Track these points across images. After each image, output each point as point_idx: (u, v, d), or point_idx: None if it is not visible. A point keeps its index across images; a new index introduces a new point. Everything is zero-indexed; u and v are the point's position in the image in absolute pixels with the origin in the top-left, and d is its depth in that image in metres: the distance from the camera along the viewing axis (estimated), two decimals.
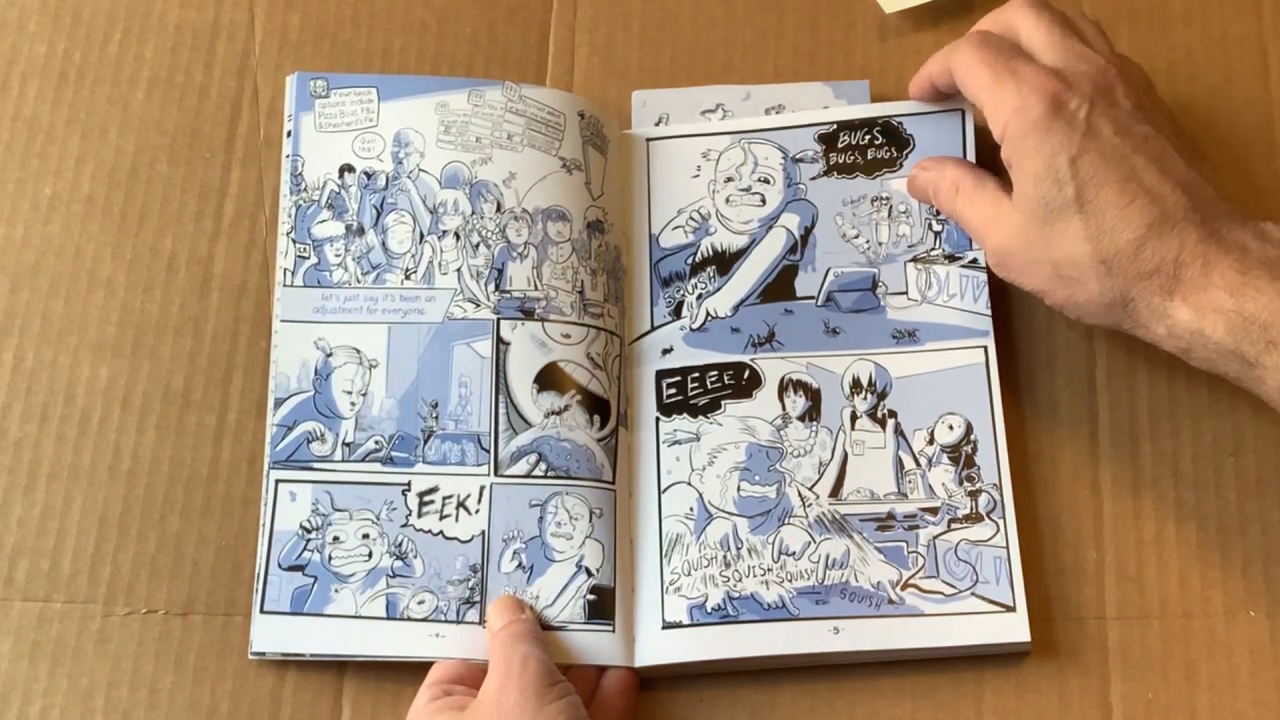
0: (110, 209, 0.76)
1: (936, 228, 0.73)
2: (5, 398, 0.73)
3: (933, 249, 0.73)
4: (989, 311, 0.71)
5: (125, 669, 0.68)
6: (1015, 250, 0.66)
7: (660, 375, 0.73)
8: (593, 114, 0.75)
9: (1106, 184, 0.63)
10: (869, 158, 0.74)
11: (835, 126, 0.75)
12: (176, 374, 0.73)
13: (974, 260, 0.72)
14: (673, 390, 0.72)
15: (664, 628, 0.68)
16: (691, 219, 0.75)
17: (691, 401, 0.72)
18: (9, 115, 0.78)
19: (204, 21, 0.80)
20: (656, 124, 0.77)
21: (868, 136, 0.75)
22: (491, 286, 0.72)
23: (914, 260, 0.73)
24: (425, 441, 0.70)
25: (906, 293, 0.73)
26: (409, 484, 0.70)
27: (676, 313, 0.73)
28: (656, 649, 0.68)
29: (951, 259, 0.72)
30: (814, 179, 0.75)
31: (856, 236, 0.74)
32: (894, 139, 0.74)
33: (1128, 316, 0.64)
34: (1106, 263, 0.63)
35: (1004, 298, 0.72)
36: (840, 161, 0.75)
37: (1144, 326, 0.64)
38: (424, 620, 0.68)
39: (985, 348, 0.71)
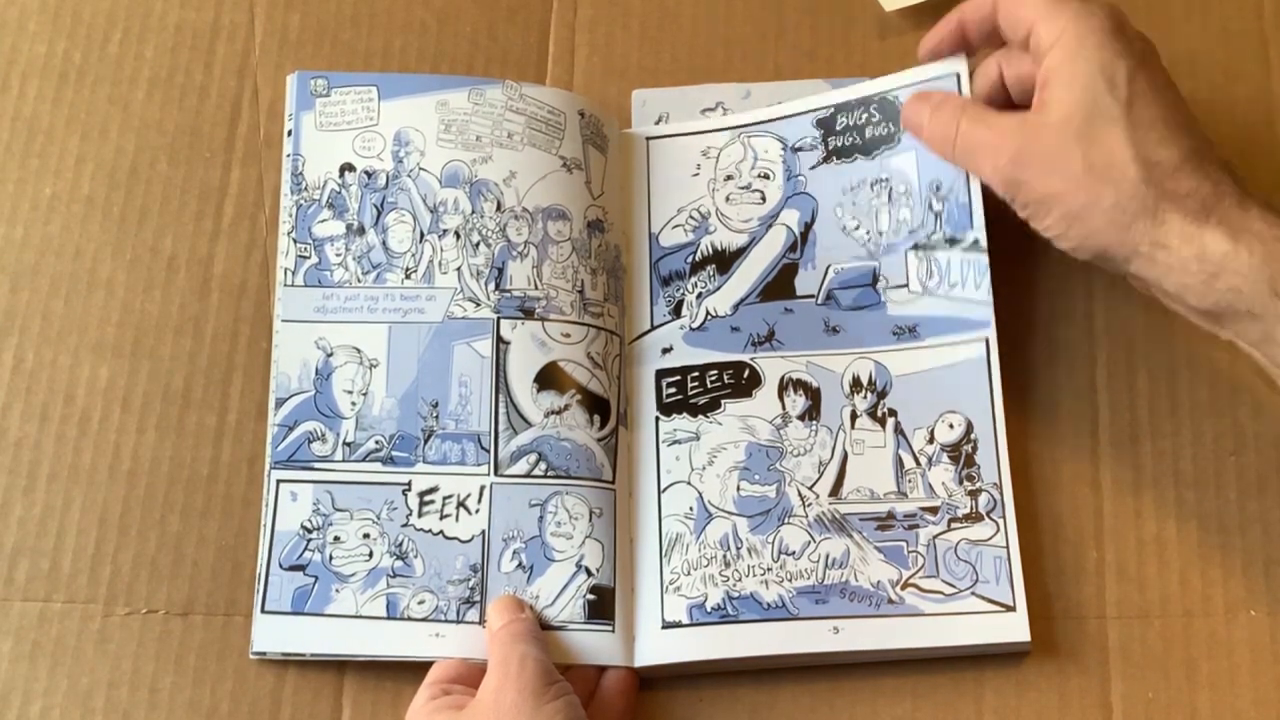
0: (110, 209, 0.76)
1: (937, 207, 0.72)
2: (5, 398, 0.73)
3: (933, 233, 0.72)
4: (990, 298, 0.71)
5: (125, 669, 0.68)
6: (1038, 151, 0.66)
7: (660, 374, 0.73)
8: (593, 113, 0.75)
9: (1155, 104, 0.64)
10: (867, 136, 0.74)
11: (832, 110, 0.75)
12: (176, 374, 0.73)
13: (975, 242, 0.71)
14: (672, 390, 0.72)
15: (664, 627, 0.68)
16: (691, 218, 0.75)
17: (691, 401, 0.72)
18: (9, 115, 0.78)
19: (204, 21, 0.80)
20: (656, 123, 0.77)
21: (864, 115, 0.75)
22: (491, 286, 0.72)
23: (915, 248, 0.72)
24: (425, 441, 0.70)
25: (908, 285, 0.72)
26: (409, 484, 0.70)
27: (676, 312, 0.73)
28: (656, 649, 0.68)
29: (953, 241, 0.72)
30: (814, 168, 0.75)
31: (857, 228, 0.73)
32: (890, 114, 0.74)
33: (1145, 237, 0.63)
34: (1148, 167, 0.63)
35: (1004, 295, 0.72)
36: (839, 145, 0.75)
37: (1165, 248, 0.63)
38: (424, 620, 0.68)
39: (986, 340, 0.71)
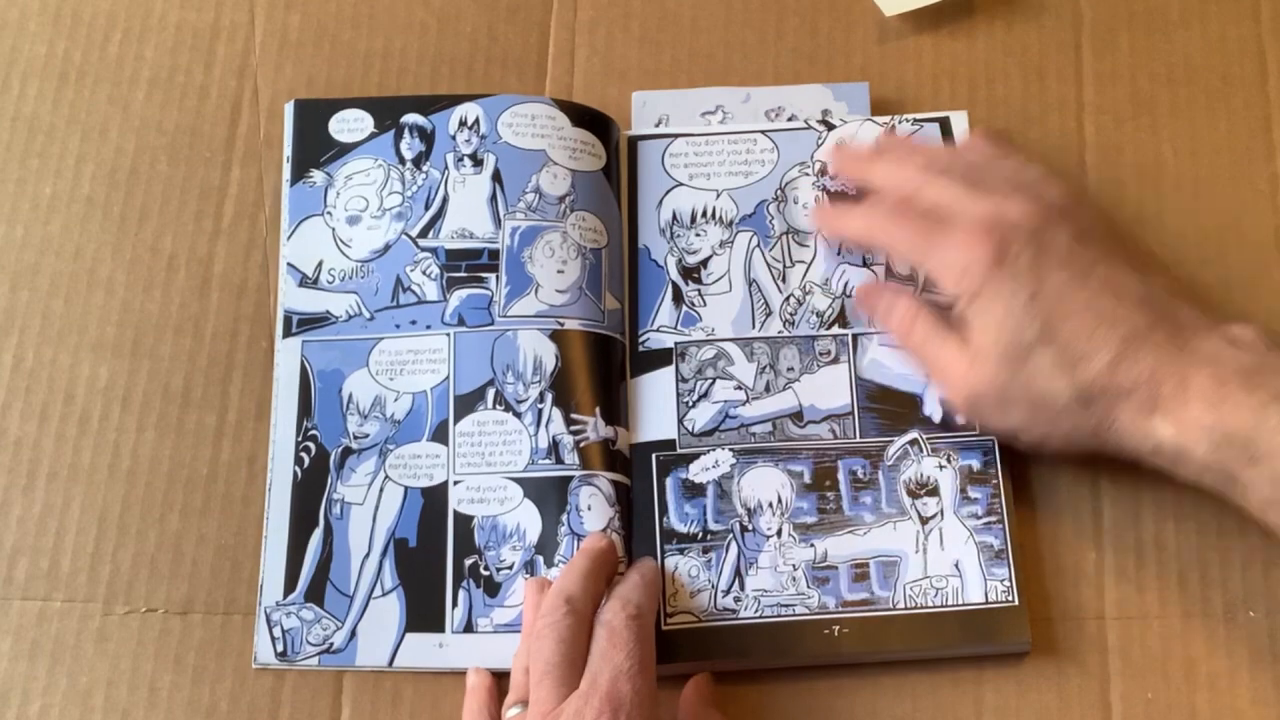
0: (110, 209, 0.76)
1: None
2: (5, 397, 0.72)
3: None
4: None
5: (125, 668, 0.68)
6: (988, 394, 0.66)
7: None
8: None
9: (1069, 315, 0.64)
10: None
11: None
12: (176, 374, 0.73)
13: None
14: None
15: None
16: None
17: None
18: (9, 115, 0.78)
19: (204, 21, 0.80)
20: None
21: None
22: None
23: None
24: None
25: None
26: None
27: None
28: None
29: None
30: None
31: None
32: None
33: (1111, 437, 0.64)
34: (1085, 389, 0.64)
35: None
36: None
37: (1130, 446, 0.64)
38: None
39: None
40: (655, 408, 0.72)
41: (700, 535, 0.69)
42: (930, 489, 0.69)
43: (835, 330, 0.72)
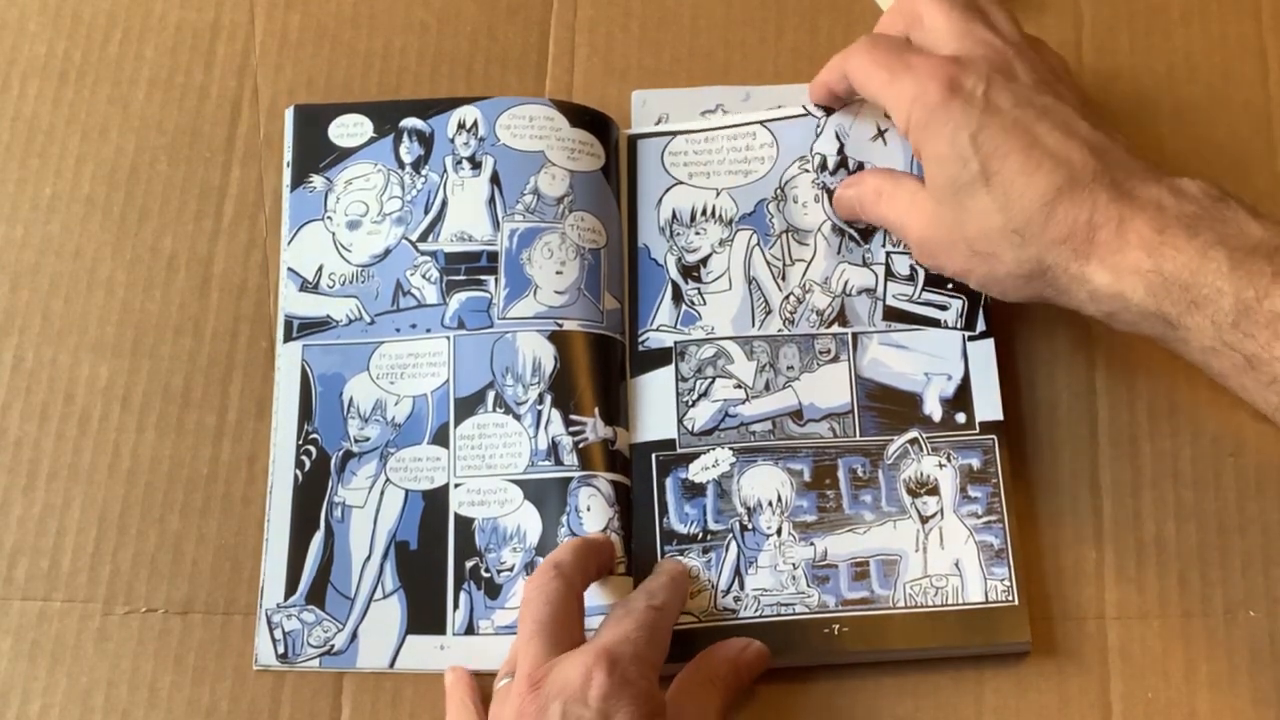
0: (110, 209, 0.76)
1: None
2: (5, 397, 0.73)
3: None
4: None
5: (125, 668, 0.68)
6: (933, 235, 0.67)
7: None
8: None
9: (1010, 154, 0.63)
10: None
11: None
12: (176, 373, 0.73)
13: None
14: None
15: None
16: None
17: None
18: (9, 115, 0.78)
19: (204, 21, 0.80)
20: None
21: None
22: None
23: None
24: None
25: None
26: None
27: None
28: None
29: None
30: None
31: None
32: None
33: (1048, 285, 0.64)
34: (1019, 231, 0.63)
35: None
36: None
37: (1066, 293, 0.63)
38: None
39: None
40: (655, 407, 0.71)
41: (700, 535, 0.69)
42: (930, 488, 0.69)
43: (835, 329, 0.72)
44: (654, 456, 0.70)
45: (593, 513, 0.69)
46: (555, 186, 0.74)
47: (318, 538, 0.69)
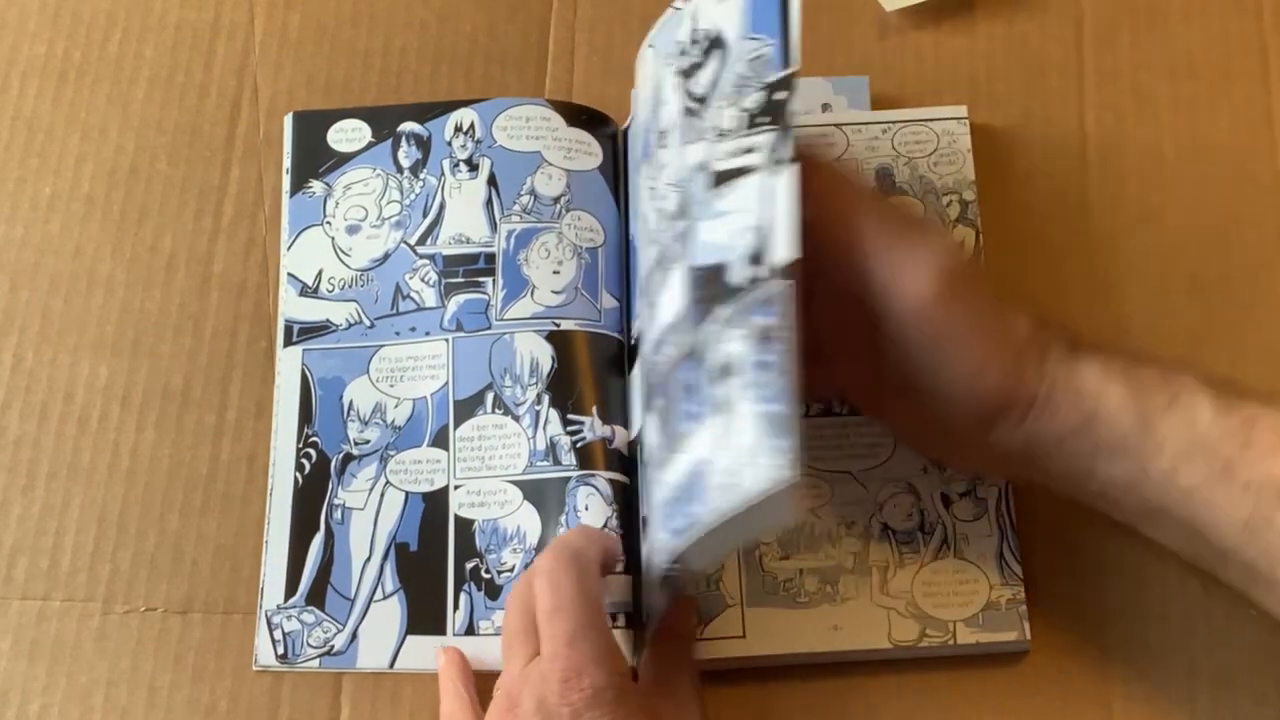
0: (110, 208, 0.76)
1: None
2: (5, 397, 0.73)
3: None
4: None
5: (124, 667, 0.68)
6: None
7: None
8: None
9: None
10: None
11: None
12: (176, 373, 0.73)
13: None
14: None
15: None
16: None
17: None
18: (9, 115, 0.78)
19: (204, 21, 0.80)
20: None
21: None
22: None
23: None
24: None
25: None
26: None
27: None
28: None
29: None
30: None
31: None
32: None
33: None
34: None
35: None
36: None
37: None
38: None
39: None
40: None
41: None
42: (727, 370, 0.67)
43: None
44: None
45: (591, 512, 0.69)
46: (552, 186, 0.74)
47: (317, 540, 0.69)
